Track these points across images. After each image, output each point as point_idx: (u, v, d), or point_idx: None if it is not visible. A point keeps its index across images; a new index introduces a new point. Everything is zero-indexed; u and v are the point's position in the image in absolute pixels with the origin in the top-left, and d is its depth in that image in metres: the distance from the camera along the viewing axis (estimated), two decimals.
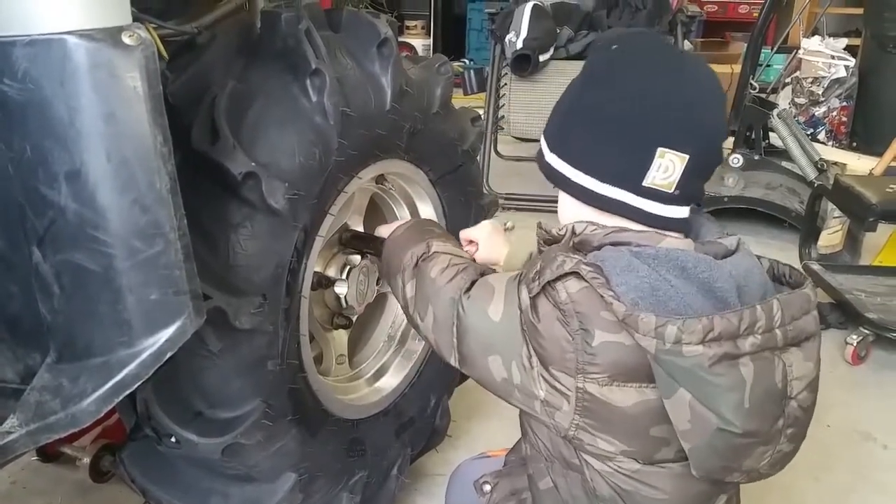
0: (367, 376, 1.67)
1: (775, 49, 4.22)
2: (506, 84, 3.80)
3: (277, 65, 1.23)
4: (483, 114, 3.63)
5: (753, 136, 3.53)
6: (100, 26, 0.89)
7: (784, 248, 3.29)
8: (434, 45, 7.23)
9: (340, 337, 1.59)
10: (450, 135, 1.57)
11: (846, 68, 4.05)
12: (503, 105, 3.84)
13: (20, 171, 0.93)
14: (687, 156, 0.90)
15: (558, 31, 3.68)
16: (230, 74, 1.20)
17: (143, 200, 0.92)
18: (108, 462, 1.59)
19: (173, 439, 1.21)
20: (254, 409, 1.21)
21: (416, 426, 1.68)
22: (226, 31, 1.29)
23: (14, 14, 0.88)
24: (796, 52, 4.22)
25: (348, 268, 1.52)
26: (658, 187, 0.91)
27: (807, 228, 3.01)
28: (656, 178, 0.91)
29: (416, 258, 1.13)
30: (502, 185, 3.67)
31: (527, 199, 3.61)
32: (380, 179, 1.56)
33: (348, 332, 1.60)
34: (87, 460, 1.58)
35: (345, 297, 1.50)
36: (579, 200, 0.97)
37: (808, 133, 3.96)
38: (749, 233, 3.45)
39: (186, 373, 1.16)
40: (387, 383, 1.66)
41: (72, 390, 0.97)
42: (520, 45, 3.57)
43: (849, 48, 4.15)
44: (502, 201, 3.23)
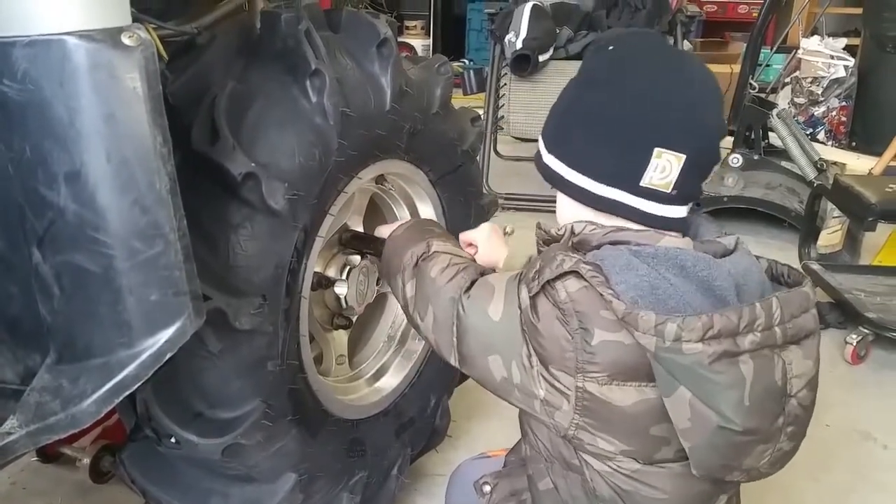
0: (367, 376, 1.67)
1: (775, 49, 4.22)
2: (505, 84, 3.80)
3: (277, 65, 1.23)
4: (483, 114, 3.63)
5: (753, 136, 3.53)
6: (99, 27, 0.89)
7: (784, 247, 3.29)
8: (434, 46, 7.22)
9: (340, 337, 1.59)
10: (449, 135, 1.57)
11: (845, 68, 4.05)
12: (503, 105, 3.84)
13: (20, 171, 0.93)
14: (684, 156, 0.90)
15: (558, 31, 3.68)
16: (230, 75, 1.20)
17: (142, 201, 0.92)
18: (108, 463, 1.59)
19: (173, 440, 1.21)
20: (254, 409, 1.21)
21: (416, 426, 1.67)
22: (225, 32, 1.29)
23: (14, 14, 0.88)
24: (795, 52, 4.22)
25: (348, 268, 1.51)
26: (656, 187, 0.91)
27: (806, 228, 3.01)
28: (654, 178, 0.91)
29: (417, 258, 1.13)
30: (502, 185, 3.67)
31: (526, 200, 3.61)
32: (380, 180, 1.55)
33: (348, 332, 1.60)
34: (87, 461, 1.58)
35: (345, 297, 1.50)
36: (577, 201, 0.97)
37: (808, 133, 3.96)
38: (749, 232, 3.45)
39: (186, 373, 1.16)
40: (387, 383, 1.66)
41: (72, 391, 0.97)
42: (519, 45, 3.57)
43: (848, 48, 4.15)
44: (502, 201, 3.22)
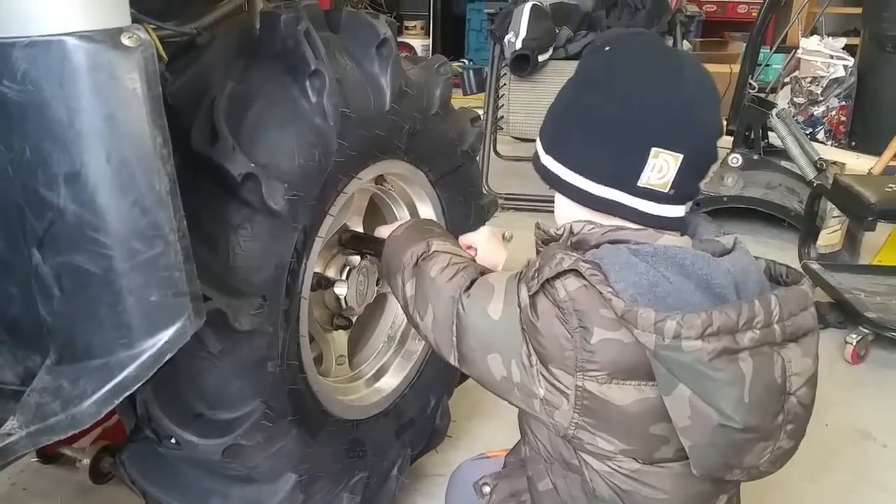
0: (367, 377, 1.67)
1: (774, 49, 4.21)
2: (505, 84, 3.80)
3: (277, 66, 1.23)
4: (482, 114, 3.63)
5: (752, 136, 3.52)
6: (99, 28, 0.89)
7: (783, 247, 3.29)
8: (433, 46, 7.22)
9: (340, 338, 1.59)
10: (449, 135, 1.57)
11: (845, 68, 4.06)
12: (502, 105, 3.84)
13: (20, 172, 0.93)
14: (681, 155, 0.90)
15: (557, 31, 3.68)
16: (229, 75, 1.20)
17: (142, 202, 0.92)
18: (108, 463, 1.59)
19: (173, 440, 1.21)
20: (254, 410, 1.21)
21: (416, 426, 1.67)
22: (225, 33, 1.29)
23: (14, 15, 0.88)
24: (795, 52, 4.22)
25: (348, 268, 1.51)
26: (653, 187, 0.92)
27: (806, 228, 3.01)
28: (651, 178, 0.91)
29: (416, 257, 1.13)
30: (502, 185, 3.67)
31: (526, 200, 3.61)
32: (379, 180, 1.55)
33: (348, 332, 1.60)
34: (87, 462, 1.58)
35: (344, 297, 1.50)
36: (575, 202, 0.97)
37: (807, 132, 3.96)
38: (748, 232, 3.45)
39: (186, 374, 1.16)
40: (387, 384, 1.66)
41: (72, 392, 0.97)
42: (519, 45, 3.57)
43: (847, 48, 4.16)
44: (502, 201, 3.22)
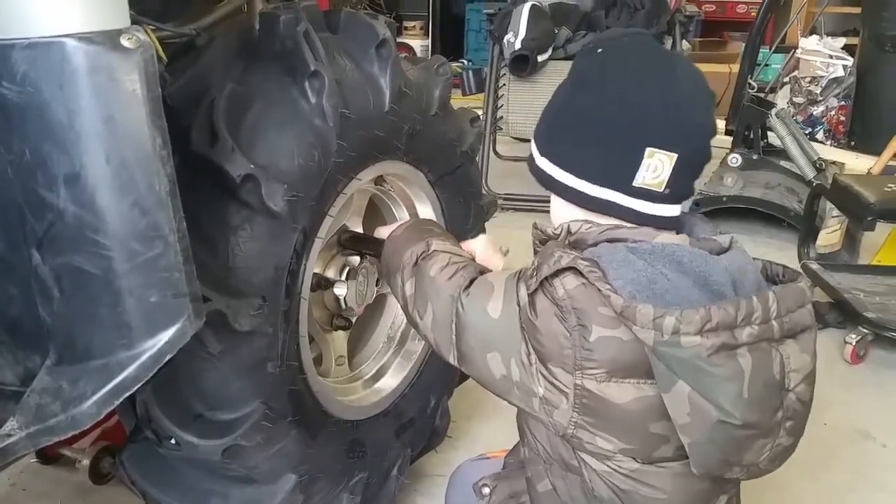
0: (366, 377, 1.67)
1: (773, 48, 4.21)
2: (504, 84, 3.80)
3: (276, 67, 1.23)
4: (482, 114, 3.65)
5: (752, 136, 3.53)
6: (98, 29, 0.89)
7: (783, 247, 3.29)
8: (432, 46, 7.22)
9: (340, 338, 1.59)
10: (449, 136, 1.57)
11: (844, 67, 4.06)
12: (502, 106, 3.85)
13: (19, 173, 0.93)
14: (676, 155, 0.91)
15: (556, 31, 3.68)
16: (229, 76, 1.20)
17: (142, 203, 0.92)
18: (107, 464, 1.59)
19: (173, 441, 1.21)
20: (254, 410, 1.21)
21: (415, 427, 1.68)
22: (224, 33, 1.29)
23: (13, 17, 0.88)
24: (794, 52, 4.22)
25: (347, 269, 1.51)
26: (648, 187, 0.92)
27: (805, 228, 3.01)
28: (646, 177, 0.91)
29: (416, 257, 1.13)
30: (501, 185, 3.67)
31: (525, 200, 3.61)
32: (379, 181, 1.55)
33: (348, 333, 1.60)
34: (86, 462, 1.58)
35: (344, 298, 1.50)
36: (571, 203, 0.98)
37: (807, 132, 3.96)
38: (747, 232, 3.45)
39: (186, 375, 1.16)
40: (386, 384, 1.66)
41: (72, 393, 0.97)
42: (518, 45, 3.57)
43: (847, 47, 4.16)
44: (501, 202, 3.22)
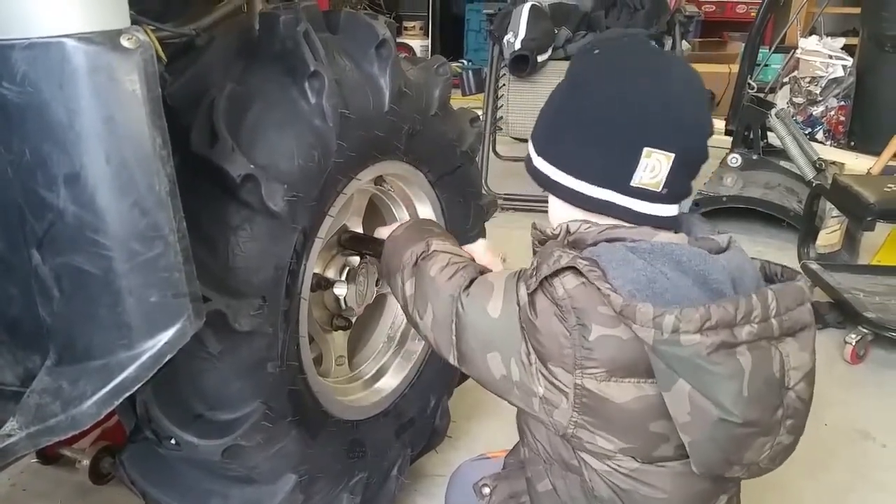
0: (366, 377, 1.67)
1: (773, 49, 4.22)
2: (504, 85, 3.81)
3: (276, 67, 1.23)
4: (482, 115, 3.65)
5: (752, 136, 3.53)
6: (98, 29, 0.89)
7: (782, 247, 3.29)
8: (432, 46, 7.23)
9: (340, 338, 1.59)
10: (448, 136, 1.57)
11: (844, 68, 4.06)
12: (502, 106, 3.85)
13: (19, 173, 0.93)
14: (673, 154, 0.91)
15: (556, 31, 3.68)
16: (229, 76, 1.20)
17: (142, 203, 0.92)
18: (107, 464, 1.59)
19: (173, 441, 1.21)
20: (254, 410, 1.21)
21: (416, 427, 1.68)
22: (224, 34, 1.29)
23: (13, 17, 0.88)
24: (794, 52, 4.22)
25: (347, 269, 1.52)
26: (646, 186, 0.92)
27: (805, 228, 3.01)
28: (644, 177, 0.92)
29: (416, 257, 1.13)
30: (501, 185, 3.67)
31: (525, 200, 3.61)
32: (379, 181, 1.56)
33: (348, 333, 1.60)
34: (86, 462, 1.58)
35: (344, 298, 1.50)
36: (569, 203, 0.98)
37: (806, 132, 3.96)
38: (747, 232, 3.46)
39: (186, 375, 1.16)
40: (386, 384, 1.66)
41: (72, 393, 0.97)
42: (518, 45, 3.57)
43: (846, 48, 4.16)
44: (501, 202, 3.23)
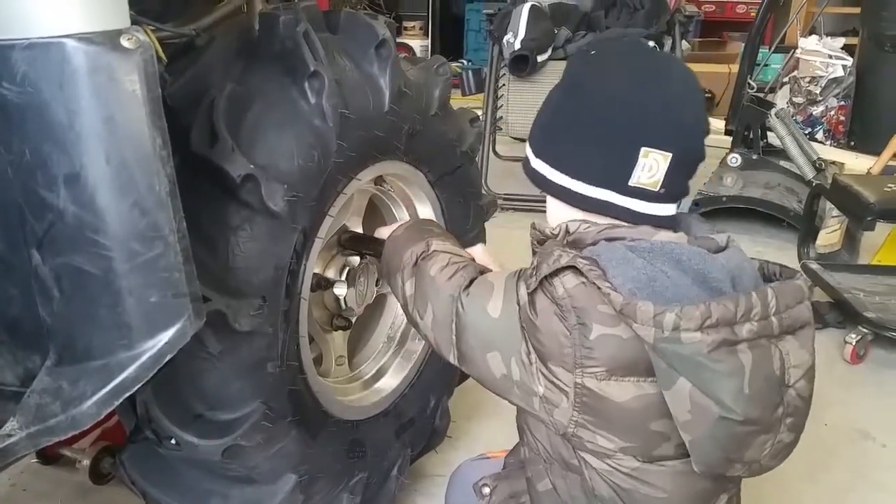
0: (366, 377, 1.67)
1: (773, 49, 4.22)
2: (504, 85, 3.81)
3: (276, 67, 1.23)
4: (481, 115, 3.65)
5: (752, 136, 3.53)
6: (98, 29, 0.89)
7: (782, 247, 3.29)
8: (432, 46, 7.23)
9: (340, 338, 1.59)
10: (448, 136, 1.57)
11: (844, 67, 4.06)
12: (501, 106, 3.85)
13: (19, 174, 0.93)
14: (670, 154, 0.91)
15: (556, 31, 3.68)
16: (229, 77, 1.20)
17: (142, 203, 0.92)
18: (108, 464, 1.59)
19: (173, 441, 1.21)
20: (254, 410, 1.21)
21: (415, 427, 1.68)
22: (224, 34, 1.29)
23: (13, 17, 0.88)
24: (794, 52, 4.23)
25: (347, 269, 1.52)
26: (644, 186, 0.93)
27: (805, 228, 3.01)
28: (642, 177, 0.92)
29: (416, 257, 1.13)
30: (501, 185, 3.67)
31: (525, 200, 3.61)
32: (379, 181, 1.56)
33: (348, 333, 1.60)
34: (86, 462, 1.58)
35: (344, 298, 1.50)
36: (567, 203, 0.98)
37: (806, 132, 3.96)
38: (747, 232, 3.46)
39: (186, 375, 1.16)
40: (386, 384, 1.66)
41: (72, 393, 0.97)
42: (518, 45, 3.57)
43: (846, 47, 4.16)
44: (501, 202, 3.23)
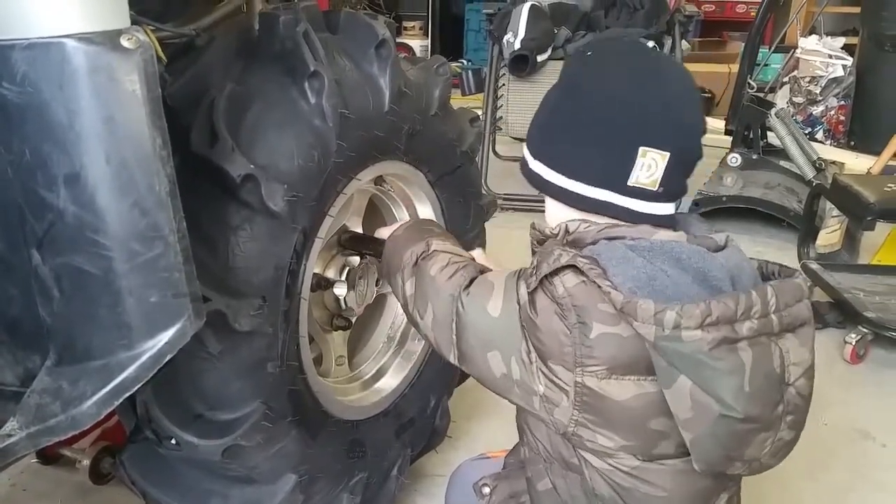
0: (366, 377, 1.67)
1: (773, 48, 4.22)
2: (504, 85, 3.81)
3: (276, 67, 1.23)
4: (481, 114, 3.65)
5: (751, 136, 3.53)
6: (98, 29, 0.89)
7: (782, 247, 3.29)
8: (432, 46, 7.23)
9: (340, 338, 1.59)
10: (448, 136, 1.57)
11: (844, 67, 4.06)
12: (501, 106, 3.85)
13: (19, 174, 0.93)
14: (668, 153, 0.92)
15: (556, 31, 3.68)
16: (229, 77, 1.20)
17: (142, 203, 0.92)
18: (108, 464, 1.59)
19: (173, 441, 1.21)
20: (254, 410, 1.21)
21: (415, 427, 1.68)
22: (224, 34, 1.29)
23: (13, 17, 0.89)
24: (794, 52, 4.22)
25: (347, 269, 1.52)
26: (643, 186, 0.93)
27: (805, 227, 3.01)
28: (640, 176, 0.92)
29: (416, 256, 1.13)
30: (501, 185, 3.67)
31: (525, 200, 3.60)
32: (379, 181, 1.56)
33: (348, 333, 1.60)
34: (87, 462, 1.58)
35: (344, 298, 1.51)
36: (566, 204, 0.98)
37: (806, 132, 3.96)
38: (747, 232, 3.46)
39: (186, 375, 1.16)
40: (386, 384, 1.66)
41: (72, 393, 0.97)
42: (517, 45, 3.57)
43: (846, 47, 4.16)
44: (501, 202, 3.22)
